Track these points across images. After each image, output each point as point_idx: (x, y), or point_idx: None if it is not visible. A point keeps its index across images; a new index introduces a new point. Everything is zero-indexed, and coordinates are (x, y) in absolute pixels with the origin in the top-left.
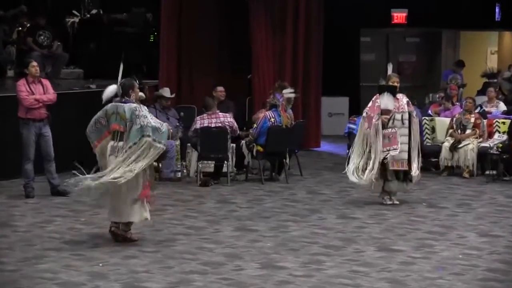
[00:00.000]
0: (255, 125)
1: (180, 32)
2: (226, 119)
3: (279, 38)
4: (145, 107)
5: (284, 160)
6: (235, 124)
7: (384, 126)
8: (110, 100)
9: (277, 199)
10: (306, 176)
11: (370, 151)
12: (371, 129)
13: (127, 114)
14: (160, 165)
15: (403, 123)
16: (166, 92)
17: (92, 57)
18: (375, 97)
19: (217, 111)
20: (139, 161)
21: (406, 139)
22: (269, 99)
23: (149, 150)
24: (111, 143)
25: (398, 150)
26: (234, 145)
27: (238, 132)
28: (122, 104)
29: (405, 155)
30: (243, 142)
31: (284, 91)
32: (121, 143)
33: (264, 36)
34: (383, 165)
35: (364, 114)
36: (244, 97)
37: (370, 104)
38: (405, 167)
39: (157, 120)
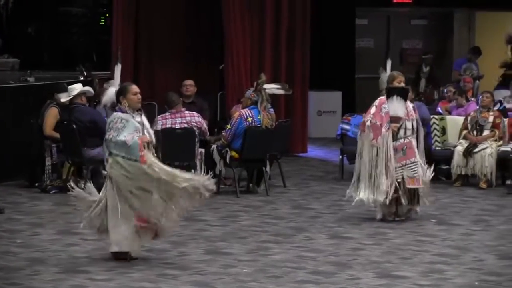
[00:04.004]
0: (228, 126)
1: (137, 14)
2: (194, 118)
3: (257, 20)
4: (135, 117)
5: (264, 168)
6: (205, 124)
7: (394, 137)
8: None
9: (256, 215)
10: (290, 188)
11: (380, 167)
12: (379, 140)
13: (107, 125)
14: None
15: (412, 133)
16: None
17: (30, 44)
18: (379, 101)
19: (183, 109)
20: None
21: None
22: (251, 95)
23: (124, 173)
24: None
25: (418, 163)
26: (203, 150)
27: (208, 134)
28: (112, 112)
29: (420, 170)
30: (214, 146)
31: (266, 86)
32: None
33: (239, 18)
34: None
35: (368, 123)
36: (215, 92)
37: (373, 110)
38: (420, 184)
39: (137, 134)
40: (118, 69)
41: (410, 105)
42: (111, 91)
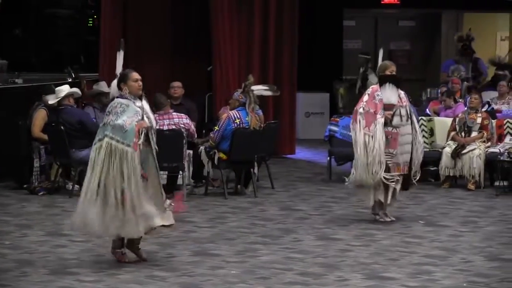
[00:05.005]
0: (216, 128)
1: (126, 15)
2: (182, 120)
3: (245, 22)
4: (135, 102)
5: (252, 169)
6: (193, 126)
7: (387, 124)
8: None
9: (244, 217)
10: (278, 189)
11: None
12: (374, 127)
13: (107, 110)
14: None
15: (407, 119)
16: (103, 87)
17: (17, 45)
18: (371, 89)
19: (171, 110)
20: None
21: (410, 137)
22: (239, 96)
23: (114, 157)
24: None
25: (394, 154)
26: (191, 151)
27: (196, 136)
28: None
29: (408, 157)
30: (202, 148)
31: (254, 87)
32: None
33: (227, 19)
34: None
35: (361, 110)
36: (203, 94)
37: (366, 98)
38: (406, 171)
39: (136, 119)
40: (120, 56)
41: (401, 92)
42: (115, 83)
